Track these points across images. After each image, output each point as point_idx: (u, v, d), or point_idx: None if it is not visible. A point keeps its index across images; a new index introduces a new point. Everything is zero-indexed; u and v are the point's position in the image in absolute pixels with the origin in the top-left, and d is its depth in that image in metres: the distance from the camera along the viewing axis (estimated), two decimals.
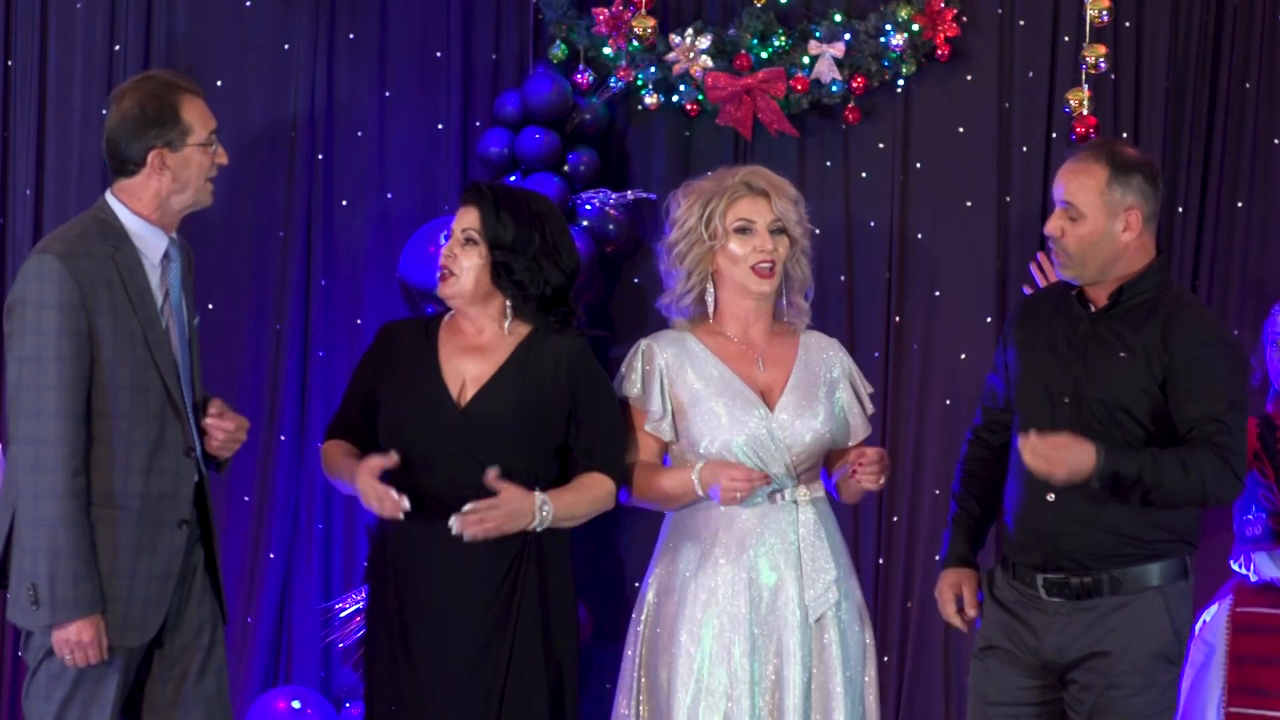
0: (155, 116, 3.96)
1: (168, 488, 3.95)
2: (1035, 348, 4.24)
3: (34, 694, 3.95)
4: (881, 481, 4.16)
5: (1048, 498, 4.12)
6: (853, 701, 4.23)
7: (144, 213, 3.98)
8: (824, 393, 4.29)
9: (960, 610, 4.34)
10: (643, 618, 4.30)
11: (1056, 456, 3.98)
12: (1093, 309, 4.20)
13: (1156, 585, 4.11)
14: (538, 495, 4.11)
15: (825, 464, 4.35)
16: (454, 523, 4.04)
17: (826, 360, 4.34)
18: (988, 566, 4.38)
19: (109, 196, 4.01)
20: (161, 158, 3.96)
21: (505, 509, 4.06)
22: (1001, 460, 4.34)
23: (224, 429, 4.03)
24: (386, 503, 4.06)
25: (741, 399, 4.22)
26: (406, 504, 4.05)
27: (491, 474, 4.06)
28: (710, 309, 4.31)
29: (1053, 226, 4.19)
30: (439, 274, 4.24)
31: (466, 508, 4.04)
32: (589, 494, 4.20)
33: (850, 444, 4.35)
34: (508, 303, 4.22)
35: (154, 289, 3.97)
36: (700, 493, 4.20)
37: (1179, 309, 4.18)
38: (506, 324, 4.23)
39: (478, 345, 4.21)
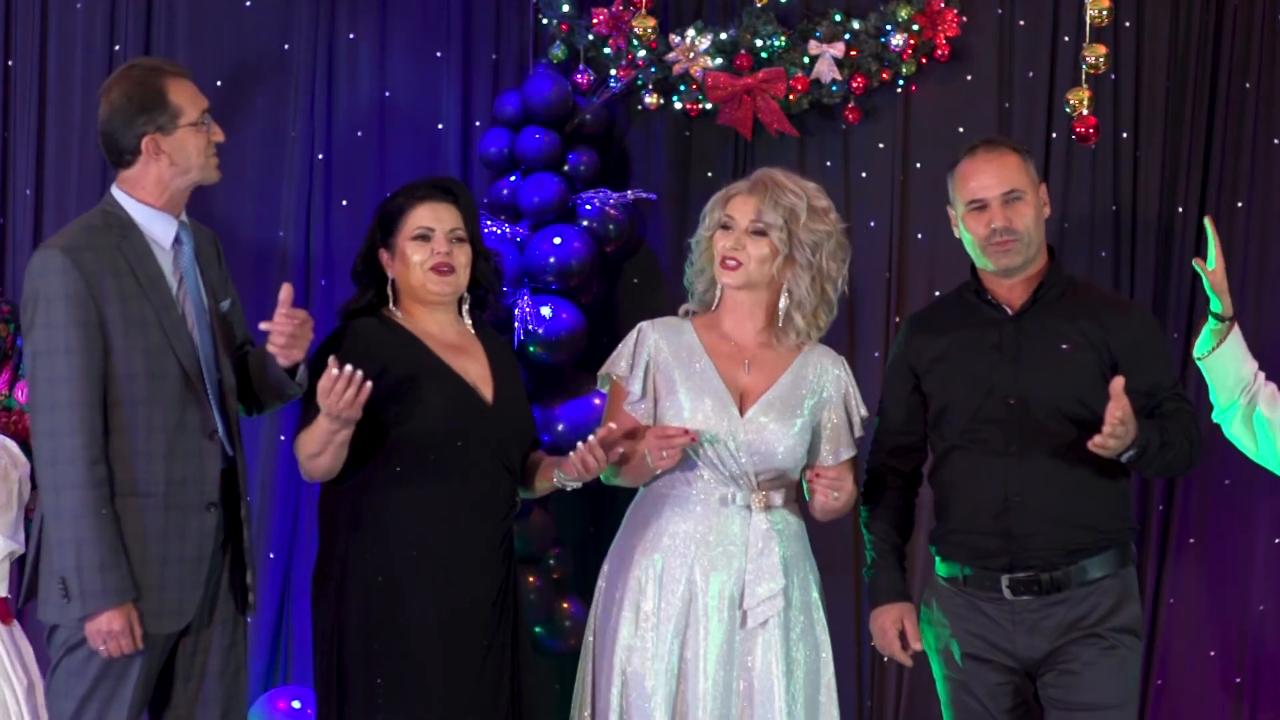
0: (142, 103, 3.97)
1: (192, 472, 3.93)
2: (957, 359, 4.23)
3: (54, 690, 3.95)
4: (835, 498, 4.11)
5: (1016, 498, 4.13)
6: (797, 713, 4.17)
7: (149, 200, 3.99)
8: (807, 407, 4.23)
9: (905, 645, 4.33)
10: (594, 602, 4.32)
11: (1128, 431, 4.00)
12: (1009, 310, 4.21)
13: (1114, 570, 4.17)
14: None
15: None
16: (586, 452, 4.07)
17: (821, 377, 4.26)
18: (915, 599, 4.40)
19: (114, 189, 4.03)
20: (155, 143, 3.97)
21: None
22: (912, 486, 4.39)
23: (280, 329, 3.92)
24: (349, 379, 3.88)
25: (714, 397, 4.19)
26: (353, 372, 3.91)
27: None
28: (716, 298, 4.30)
29: (1000, 218, 4.16)
30: (436, 270, 4.18)
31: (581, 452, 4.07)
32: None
33: (831, 464, 4.27)
34: (467, 300, 4.25)
35: (167, 274, 3.97)
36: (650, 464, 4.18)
37: (1104, 296, 4.35)
38: (467, 321, 4.26)
39: (455, 343, 4.22)
